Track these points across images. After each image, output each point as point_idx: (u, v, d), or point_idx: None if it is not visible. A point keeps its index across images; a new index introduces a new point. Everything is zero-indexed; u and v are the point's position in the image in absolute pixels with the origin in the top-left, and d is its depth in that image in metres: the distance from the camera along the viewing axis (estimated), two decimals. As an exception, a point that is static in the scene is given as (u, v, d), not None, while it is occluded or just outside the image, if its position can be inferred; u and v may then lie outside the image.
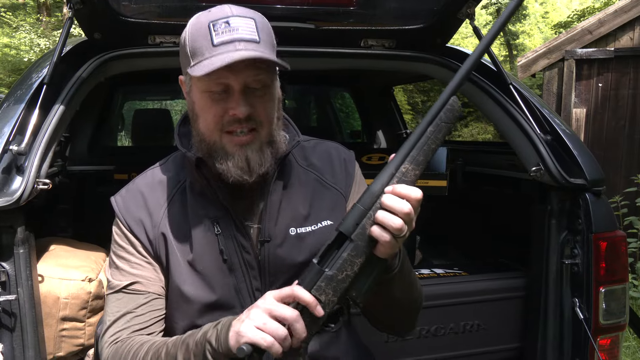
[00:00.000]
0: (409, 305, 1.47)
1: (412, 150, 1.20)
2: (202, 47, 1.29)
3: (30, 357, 1.70)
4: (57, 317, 1.96)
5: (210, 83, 1.30)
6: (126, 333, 1.41)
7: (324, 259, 1.19)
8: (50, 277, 1.95)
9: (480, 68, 2.31)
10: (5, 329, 1.68)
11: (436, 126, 1.21)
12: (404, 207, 1.13)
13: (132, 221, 1.45)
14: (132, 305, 1.43)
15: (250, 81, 1.31)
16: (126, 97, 4.62)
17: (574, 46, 5.62)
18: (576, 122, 5.57)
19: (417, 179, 1.20)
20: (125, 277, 1.45)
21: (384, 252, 1.19)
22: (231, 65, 1.24)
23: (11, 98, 1.94)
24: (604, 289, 2.04)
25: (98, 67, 2.05)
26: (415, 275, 1.46)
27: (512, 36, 24.62)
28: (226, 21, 1.29)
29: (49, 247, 2.13)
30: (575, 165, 2.06)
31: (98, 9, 1.96)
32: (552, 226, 2.10)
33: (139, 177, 1.54)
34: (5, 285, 1.68)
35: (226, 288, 1.42)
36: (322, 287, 1.18)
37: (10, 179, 1.70)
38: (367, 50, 2.36)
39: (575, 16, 17.48)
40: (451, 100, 1.22)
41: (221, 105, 1.32)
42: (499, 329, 2.28)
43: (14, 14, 14.41)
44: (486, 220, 2.98)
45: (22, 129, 1.78)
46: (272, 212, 1.45)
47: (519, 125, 2.14)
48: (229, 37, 1.28)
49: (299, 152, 1.57)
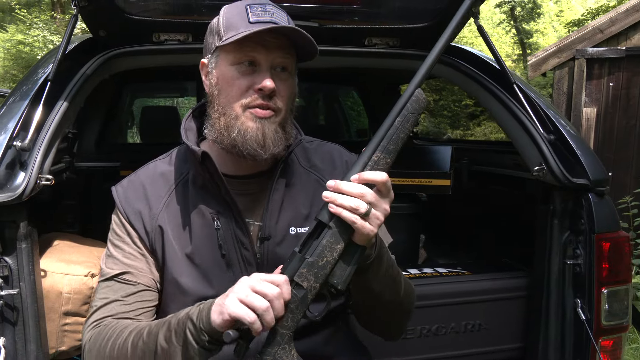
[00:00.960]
0: (394, 306, 1.48)
1: (383, 140, 1.27)
2: (237, 23, 1.35)
3: (32, 350, 1.72)
4: (60, 312, 1.98)
5: (240, 55, 1.36)
6: (110, 318, 1.43)
7: (304, 247, 1.26)
8: (53, 272, 1.96)
9: (484, 67, 2.31)
10: (7, 322, 1.69)
11: (403, 117, 1.29)
12: (358, 190, 1.20)
13: (131, 212, 1.47)
14: (121, 294, 1.45)
15: (278, 62, 1.37)
16: (135, 95, 4.65)
17: (585, 45, 5.58)
18: (587, 122, 5.53)
19: (389, 166, 1.29)
20: (117, 265, 1.47)
21: (360, 239, 1.23)
22: (265, 43, 1.33)
23: (17, 94, 1.96)
24: (606, 290, 2.02)
25: (102, 65, 2.06)
26: (401, 275, 1.48)
27: (525, 35, 24.44)
28: (263, 6, 1.37)
29: (52, 243, 2.15)
30: (579, 165, 2.05)
31: (103, 6, 1.98)
32: (555, 226, 2.09)
33: (141, 169, 1.57)
34: (7, 280, 1.69)
35: (223, 282, 1.42)
36: (304, 273, 1.24)
37: (13, 175, 1.72)
38: (371, 48, 2.36)
39: (589, 15, 17.34)
40: (416, 92, 1.30)
41: (248, 79, 1.37)
42: (501, 329, 2.28)
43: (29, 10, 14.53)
44: (491, 220, 2.98)
45: (26, 125, 1.80)
46: (274, 210, 1.47)
47: (522, 124, 2.13)
48: (265, 18, 1.34)
49: (301, 153, 1.59)
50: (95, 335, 1.41)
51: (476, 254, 2.96)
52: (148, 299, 1.47)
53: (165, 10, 2.14)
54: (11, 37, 13.47)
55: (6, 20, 15.21)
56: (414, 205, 2.79)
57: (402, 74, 3.53)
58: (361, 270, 1.31)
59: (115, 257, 1.48)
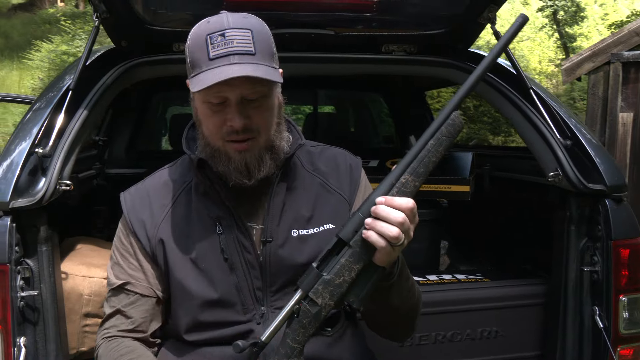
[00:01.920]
0: (407, 312, 1.49)
1: (413, 162, 1.24)
2: (199, 59, 1.35)
3: (51, 350, 1.78)
4: (80, 314, 2.04)
5: (208, 95, 1.36)
6: (114, 330, 1.51)
7: (323, 263, 1.25)
8: (74, 275, 2.03)
9: (500, 71, 2.30)
10: (28, 322, 1.75)
11: (437, 140, 1.26)
12: (398, 217, 1.17)
13: (135, 220, 1.53)
14: (123, 304, 1.52)
15: (247, 93, 1.36)
16: (167, 103, 4.74)
17: (621, 49, 5.46)
18: (623, 127, 5.41)
19: (416, 189, 1.25)
20: (122, 274, 1.54)
21: (382, 260, 1.22)
22: (228, 81, 1.30)
23: (41, 101, 2.03)
24: (625, 297, 1.99)
25: (122, 74, 2.12)
26: (413, 282, 1.49)
27: (569, 39, 23.97)
28: (222, 34, 1.33)
29: (76, 246, 2.22)
30: (595, 171, 2.02)
31: (124, 18, 2.04)
32: (572, 232, 2.06)
33: (148, 177, 1.63)
34: (29, 281, 1.76)
35: (227, 286, 1.46)
36: (320, 290, 1.23)
37: (34, 180, 1.79)
38: (388, 55, 2.38)
39: (634, 17, 16.92)
40: (452, 115, 1.26)
41: (220, 116, 1.38)
42: (517, 337, 2.25)
43: (73, 22, 14.91)
44: (515, 226, 2.95)
45: (48, 132, 1.87)
46: (275, 213, 1.49)
47: (538, 129, 2.12)
48: (224, 51, 1.32)
49: (305, 157, 1.61)
50: (102, 350, 1.51)
51: (499, 261, 2.94)
52: (147, 307, 1.53)
53: (184, 21, 2.19)
54: (56, 48, 13.83)
55: (52, 32, 15.64)
56: (434, 211, 2.78)
57: (424, 80, 3.55)
58: (382, 288, 1.32)
59: (121, 266, 1.55)
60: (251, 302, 1.47)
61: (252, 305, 1.47)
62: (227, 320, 1.46)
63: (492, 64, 1.29)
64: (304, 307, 1.24)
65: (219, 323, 1.46)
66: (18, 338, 1.71)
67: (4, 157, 1.81)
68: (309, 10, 2.17)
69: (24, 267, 1.75)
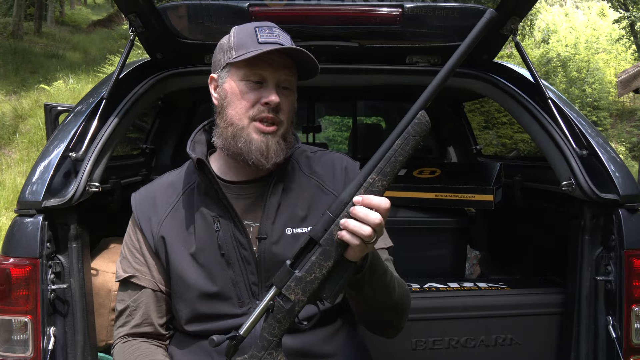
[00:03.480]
0: (387, 307, 1.53)
1: (380, 162, 1.28)
2: (247, 42, 1.51)
3: (79, 341, 1.91)
4: (109, 308, 2.18)
5: (250, 72, 1.51)
6: (127, 328, 1.63)
7: (297, 261, 1.31)
8: (104, 272, 2.18)
9: (519, 81, 2.31)
10: (58, 314, 1.90)
11: (404, 139, 1.29)
12: (376, 219, 1.23)
13: (143, 218, 1.65)
14: (132, 298, 1.64)
15: (283, 79, 1.53)
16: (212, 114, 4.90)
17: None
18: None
19: (384, 189, 1.28)
20: (129, 268, 1.65)
21: (354, 256, 1.29)
22: (272, 62, 1.48)
23: (78, 109, 2.18)
24: (637, 308, 1.97)
25: (154, 85, 2.26)
26: (394, 279, 1.52)
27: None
28: (270, 28, 1.53)
29: (109, 245, 2.38)
30: (610, 181, 2.02)
31: (158, 32, 2.18)
32: (585, 242, 2.06)
33: (157, 179, 1.76)
34: (60, 275, 1.91)
35: (224, 280, 1.56)
36: (292, 287, 1.30)
37: (66, 182, 1.94)
38: (412, 66, 2.42)
39: None
40: (419, 115, 1.29)
41: (255, 94, 1.52)
42: (532, 345, 2.25)
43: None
44: (542, 236, 2.92)
45: (81, 137, 2.02)
46: (270, 212, 1.58)
47: (553, 139, 2.13)
48: (273, 39, 1.51)
49: (304, 161, 1.70)
50: (117, 349, 1.64)
51: (527, 271, 2.91)
52: (153, 301, 1.64)
53: (215, 34, 2.31)
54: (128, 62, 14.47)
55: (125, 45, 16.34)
56: (460, 220, 2.79)
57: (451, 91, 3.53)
58: (354, 282, 1.37)
59: (128, 260, 1.67)
60: (247, 296, 1.56)
61: (248, 299, 1.56)
62: (224, 312, 1.56)
63: (458, 64, 1.31)
64: (277, 303, 1.31)
65: (216, 315, 1.56)
66: (48, 328, 1.85)
67: (42, 158, 1.97)
68: (334, 23, 2.24)
69: (55, 262, 1.89)
